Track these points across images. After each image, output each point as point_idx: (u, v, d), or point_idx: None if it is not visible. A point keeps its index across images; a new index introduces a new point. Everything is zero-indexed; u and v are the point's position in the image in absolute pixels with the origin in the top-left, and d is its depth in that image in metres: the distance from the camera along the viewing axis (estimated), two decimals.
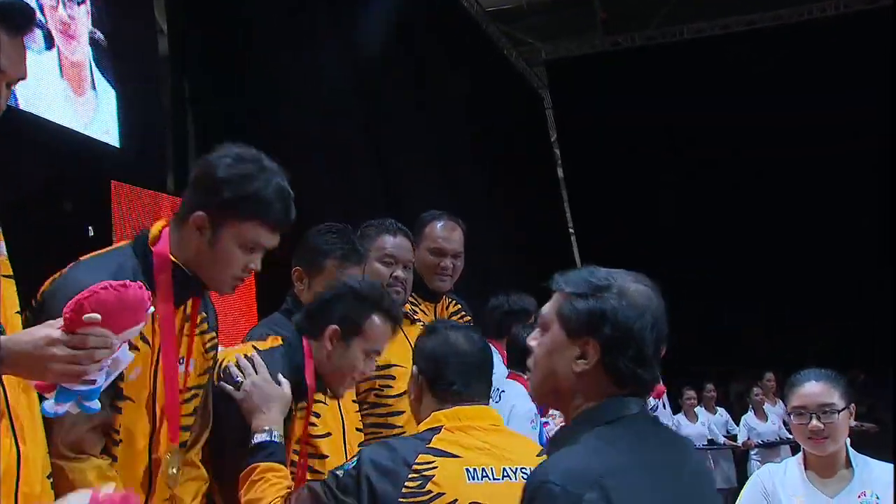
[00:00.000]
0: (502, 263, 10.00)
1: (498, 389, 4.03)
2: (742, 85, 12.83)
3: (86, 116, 5.51)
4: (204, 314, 2.28)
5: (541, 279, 1.81)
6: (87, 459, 2.03)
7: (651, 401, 7.34)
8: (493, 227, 10.33)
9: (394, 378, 3.13)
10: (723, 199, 13.24)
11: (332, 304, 2.52)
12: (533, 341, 1.76)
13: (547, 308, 1.73)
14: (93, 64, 5.62)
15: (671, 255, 13.24)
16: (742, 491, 3.04)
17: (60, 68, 5.33)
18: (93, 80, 5.61)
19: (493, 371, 2.48)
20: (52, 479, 1.93)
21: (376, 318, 2.51)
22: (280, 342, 2.56)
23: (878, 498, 2.72)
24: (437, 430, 2.21)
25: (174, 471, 2.14)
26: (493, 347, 2.68)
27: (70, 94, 5.40)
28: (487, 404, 2.41)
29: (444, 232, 3.51)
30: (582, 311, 1.66)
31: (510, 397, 4.09)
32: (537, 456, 2.33)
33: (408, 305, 3.36)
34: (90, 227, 5.54)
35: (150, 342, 2.09)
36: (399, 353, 3.18)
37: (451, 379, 2.31)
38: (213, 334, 2.34)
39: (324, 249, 2.87)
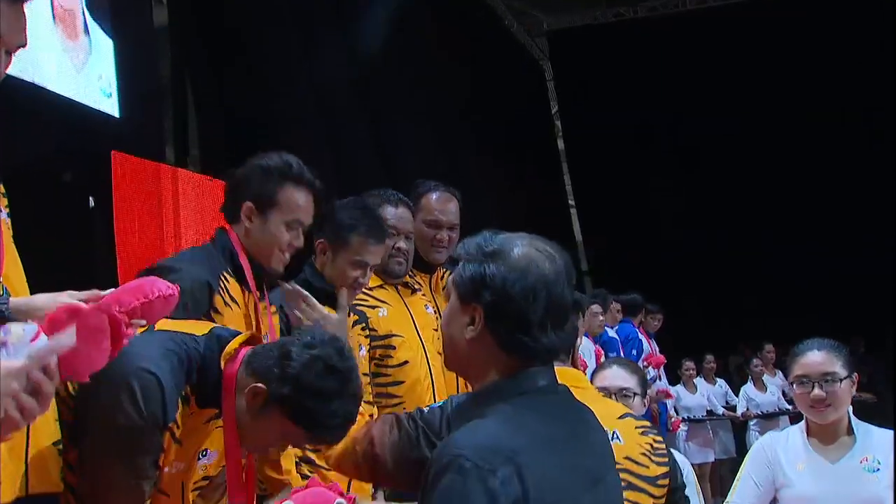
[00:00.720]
0: None
1: None
2: (745, 55, 12.74)
3: (77, 59, 5.45)
4: None
5: None
6: None
7: (650, 370, 7.39)
8: (491, 200, 10.31)
9: (394, 348, 3.16)
10: (724, 170, 13.21)
11: (243, 183, 2.58)
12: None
13: (451, 274, 1.72)
14: (85, 10, 5.55)
15: (673, 227, 13.25)
16: (745, 459, 3.08)
17: (53, 14, 5.27)
18: (86, 24, 5.55)
19: None
20: (59, 446, 1.95)
21: (289, 187, 2.56)
22: None
23: (879, 463, 2.77)
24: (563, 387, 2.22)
25: None
26: None
27: (63, 38, 5.33)
28: (567, 362, 2.42)
29: (440, 204, 3.51)
30: (467, 276, 1.63)
31: None
32: (618, 419, 2.38)
33: (407, 276, 3.38)
34: (91, 198, 5.54)
35: (182, 441, 2.06)
36: (400, 323, 3.21)
37: None
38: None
39: (350, 224, 2.91)
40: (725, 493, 3.08)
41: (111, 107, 5.76)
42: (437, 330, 3.35)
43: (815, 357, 2.89)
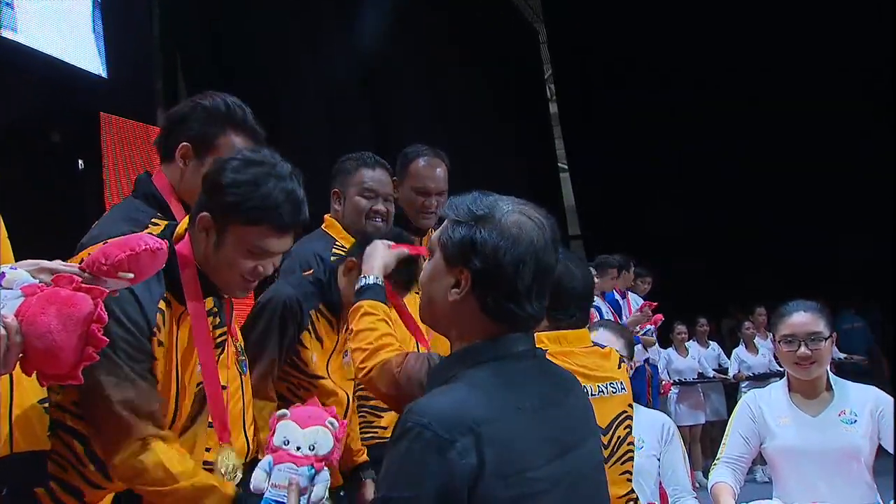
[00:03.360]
0: None
1: None
2: (742, 18, 12.63)
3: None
4: (215, 308, 2.22)
5: None
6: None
7: (649, 326, 7.39)
8: (482, 163, 10.30)
9: None
10: (720, 135, 13.13)
11: (182, 122, 2.38)
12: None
13: (436, 233, 1.69)
14: None
15: (665, 194, 13.23)
16: (732, 416, 3.24)
17: None
18: None
19: None
20: (45, 405, 1.95)
21: (231, 133, 2.39)
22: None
23: (856, 415, 3.00)
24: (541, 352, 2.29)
25: (224, 470, 2.10)
26: None
27: None
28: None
29: (428, 170, 3.46)
30: (456, 238, 1.60)
31: None
32: (619, 369, 2.49)
33: None
34: (80, 161, 5.50)
35: (166, 343, 2.04)
36: None
37: (573, 310, 2.41)
38: (224, 329, 2.28)
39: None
40: (716, 455, 3.20)
41: (98, 66, 5.69)
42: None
43: (802, 317, 3.06)
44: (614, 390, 2.43)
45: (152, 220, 2.30)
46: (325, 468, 1.97)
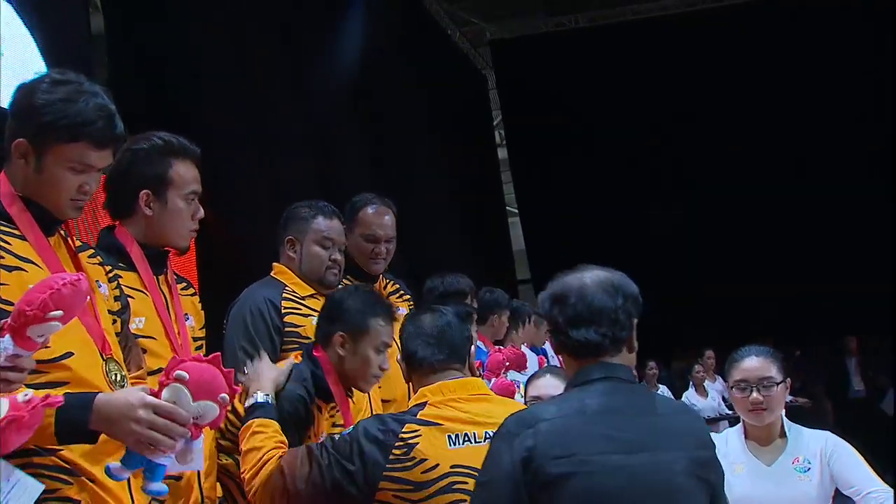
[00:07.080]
0: (440, 245, 9.98)
1: None
2: (686, 66, 12.86)
3: None
4: (92, 250, 2.36)
5: (477, 261, 1.77)
6: None
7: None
8: (431, 208, 10.30)
9: None
10: (668, 181, 13.32)
11: (127, 175, 2.60)
12: None
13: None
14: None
15: (614, 238, 13.32)
16: None
17: None
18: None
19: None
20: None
21: (178, 163, 2.61)
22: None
23: (809, 463, 3.01)
24: (422, 405, 2.52)
25: (113, 377, 2.15)
26: None
27: None
28: (463, 371, 2.67)
29: (377, 218, 3.61)
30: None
31: None
32: None
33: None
34: None
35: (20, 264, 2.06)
36: None
37: (420, 355, 2.60)
38: (110, 266, 2.42)
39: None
40: None
41: None
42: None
43: (754, 363, 3.09)
44: None
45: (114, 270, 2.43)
46: (202, 434, 1.97)
